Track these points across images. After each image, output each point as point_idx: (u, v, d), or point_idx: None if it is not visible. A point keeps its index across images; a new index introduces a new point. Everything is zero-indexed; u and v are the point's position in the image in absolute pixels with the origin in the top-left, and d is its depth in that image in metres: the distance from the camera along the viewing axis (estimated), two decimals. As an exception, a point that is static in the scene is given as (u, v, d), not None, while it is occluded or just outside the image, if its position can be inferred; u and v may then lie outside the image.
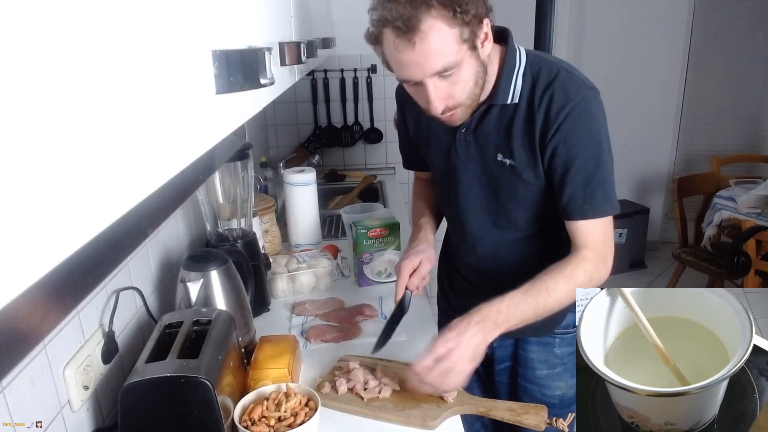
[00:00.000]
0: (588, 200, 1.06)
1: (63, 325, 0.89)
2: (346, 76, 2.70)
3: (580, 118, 1.03)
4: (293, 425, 0.95)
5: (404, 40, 0.93)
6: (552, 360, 1.31)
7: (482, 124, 1.12)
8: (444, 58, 0.94)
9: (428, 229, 1.33)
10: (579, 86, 1.04)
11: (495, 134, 1.11)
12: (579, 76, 1.06)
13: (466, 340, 1.00)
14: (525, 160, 1.09)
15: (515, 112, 1.08)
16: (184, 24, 0.42)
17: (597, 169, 1.05)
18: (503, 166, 1.12)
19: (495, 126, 1.11)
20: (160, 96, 0.37)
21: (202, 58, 0.45)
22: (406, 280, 1.22)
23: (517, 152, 1.09)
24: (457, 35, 0.93)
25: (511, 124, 1.09)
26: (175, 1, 0.40)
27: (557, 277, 1.06)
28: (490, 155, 1.13)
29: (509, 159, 1.10)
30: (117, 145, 0.32)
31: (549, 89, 1.04)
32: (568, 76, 1.05)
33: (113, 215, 0.31)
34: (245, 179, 1.47)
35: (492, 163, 1.13)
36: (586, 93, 1.04)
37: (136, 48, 0.34)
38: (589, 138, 1.04)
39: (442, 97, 1.00)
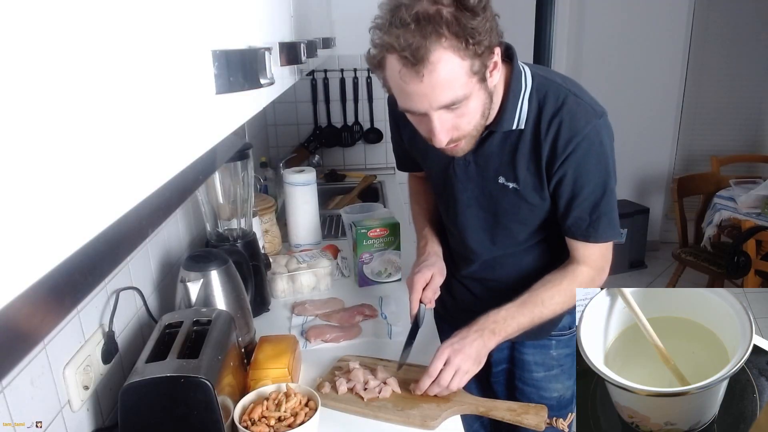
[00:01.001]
0: (593, 225, 1.06)
1: (63, 325, 0.89)
2: (346, 76, 2.70)
3: (589, 148, 1.01)
4: (293, 425, 0.95)
5: (411, 72, 0.86)
6: (549, 362, 1.31)
7: (484, 146, 1.09)
8: (453, 92, 0.89)
9: (435, 240, 1.31)
10: (588, 114, 1.00)
11: (497, 158, 1.08)
12: (587, 102, 1.02)
13: (469, 343, 1.06)
14: (530, 185, 1.07)
15: (520, 138, 1.05)
16: (184, 24, 0.42)
17: (604, 196, 1.05)
18: (506, 189, 1.10)
19: (498, 150, 1.08)
20: (160, 96, 0.37)
21: (202, 58, 0.45)
22: (420, 294, 1.19)
23: (522, 176, 1.07)
24: (467, 68, 0.87)
25: (516, 149, 1.06)
26: (175, 1, 0.40)
27: (553, 290, 1.10)
28: (491, 178, 1.11)
29: (513, 183, 1.08)
30: (117, 145, 0.32)
31: (556, 118, 1.00)
32: (576, 103, 1.01)
33: (113, 215, 0.31)
34: (245, 179, 1.47)
35: (492, 185, 1.11)
36: (595, 122, 1.00)
37: (136, 48, 0.34)
38: (597, 167, 1.03)
39: (447, 129, 0.95)
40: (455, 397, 1.09)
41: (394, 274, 1.62)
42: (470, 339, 1.06)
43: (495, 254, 1.22)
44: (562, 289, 1.09)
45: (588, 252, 1.10)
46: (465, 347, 1.05)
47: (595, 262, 1.11)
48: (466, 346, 1.05)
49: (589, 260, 1.11)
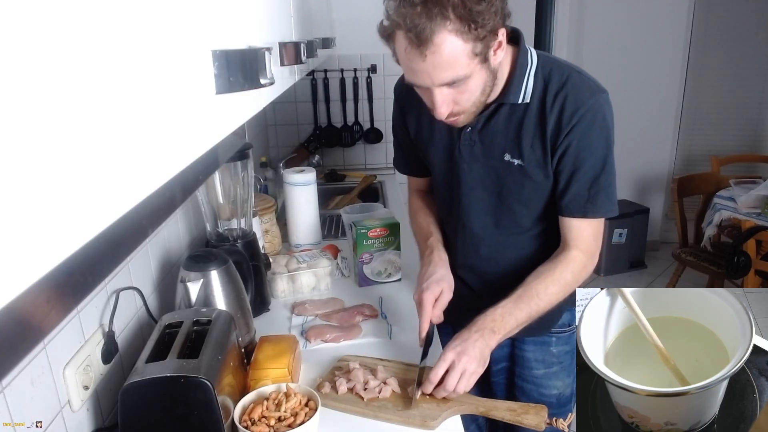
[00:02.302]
0: (591, 200, 1.08)
1: (63, 325, 0.89)
2: (346, 76, 2.70)
3: (593, 120, 1.04)
4: (293, 425, 0.95)
5: (416, 51, 0.91)
6: (549, 359, 1.31)
7: (489, 123, 1.11)
8: (454, 71, 0.93)
9: (441, 249, 1.26)
10: (591, 89, 1.05)
11: (503, 134, 1.10)
12: (590, 79, 1.07)
13: (471, 345, 1.05)
14: (534, 160, 1.09)
15: (525, 113, 1.08)
16: (184, 24, 0.42)
17: (603, 171, 1.07)
18: (510, 167, 1.11)
19: (503, 126, 1.10)
20: (160, 96, 0.37)
21: (202, 58, 0.45)
22: (430, 315, 1.14)
23: (527, 152, 1.09)
24: (469, 50, 0.91)
25: (521, 124, 1.08)
26: (176, 2, 0.40)
27: (546, 280, 1.10)
28: (497, 155, 1.12)
29: (518, 159, 1.10)
30: (117, 145, 0.32)
31: (562, 91, 1.04)
32: (580, 78, 1.06)
33: (113, 215, 0.31)
34: (245, 179, 1.47)
35: (498, 163, 1.12)
36: (599, 96, 1.05)
37: (136, 48, 0.34)
38: (599, 140, 1.05)
39: (447, 103, 1.00)
40: (455, 397, 1.09)
41: (394, 274, 1.62)
42: (472, 340, 1.06)
43: (498, 239, 1.21)
44: (555, 278, 1.10)
45: (581, 233, 1.11)
46: (468, 349, 1.05)
47: (587, 245, 1.12)
48: (468, 348, 1.05)
49: (580, 242, 1.11)
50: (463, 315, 1.14)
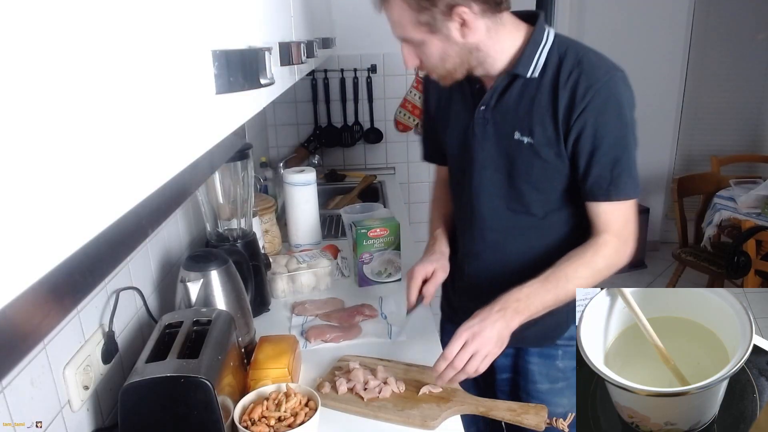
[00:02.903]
0: (614, 182, 1.07)
1: (63, 325, 0.89)
2: (346, 76, 2.70)
3: (608, 97, 1.03)
4: (293, 425, 0.95)
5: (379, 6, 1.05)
6: (554, 374, 1.28)
7: (502, 99, 1.11)
8: (402, 30, 1.04)
9: (444, 241, 1.31)
10: (608, 66, 1.05)
11: (514, 111, 1.11)
12: (606, 58, 1.07)
13: (490, 325, 1.03)
14: (544, 138, 1.08)
15: (538, 88, 1.07)
16: (184, 24, 0.42)
17: (624, 151, 1.06)
18: (520, 145, 1.10)
19: (515, 102, 1.10)
20: (160, 96, 0.37)
21: (202, 58, 0.45)
22: (419, 284, 1.20)
23: (537, 129, 1.08)
24: (412, 18, 1.00)
25: (533, 100, 1.08)
26: (175, 2, 0.40)
27: (576, 263, 1.08)
28: (507, 134, 1.12)
29: (527, 137, 1.09)
30: (117, 145, 0.32)
31: (577, 67, 1.04)
32: (596, 56, 1.07)
33: (113, 215, 0.31)
34: (245, 179, 1.47)
35: (508, 142, 1.12)
36: (614, 73, 1.04)
37: (136, 48, 0.34)
38: (617, 119, 1.05)
39: (410, 57, 1.08)
40: (455, 397, 1.09)
41: (394, 274, 1.62)
42: (492, 320, 1.03)
43: (506, 225, 1.19)
44: (586, 262, 1.08)
45: (611, 216, 1.09)
46: (485, 329, 1.02)
47: (619, 229, 1.09)
48: (486, 328, 1.02)
49: (611, 226, 1.09)
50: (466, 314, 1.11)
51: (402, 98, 2.72)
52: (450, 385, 1.12)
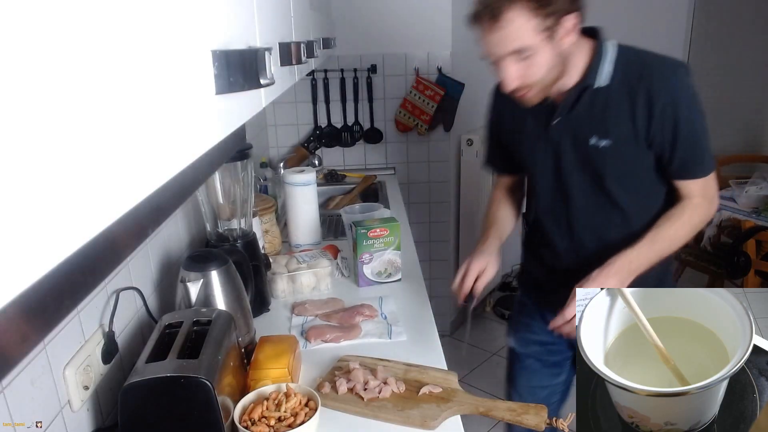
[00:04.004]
0: (698, 162, 1.19)
1: (63, 325, 0.89)
2: (346, 76, 2.70)
3: (681, 90, 1.13)
4: (293, 425, 0.95)
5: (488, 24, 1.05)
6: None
7: (574, 110, 1.18)
8: (519, 40, 1.04)
9: (495, 240, 1.36)
10: (673, 63, 1.15)
11: (588, 119, 1.17)
12: (668, 57, 1.16)
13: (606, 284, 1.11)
14: (623, 137, 1.15)
15: (608, 94, 1.15)
16: (184, 24, 0.42)
17: (702, 135, 1.18)
18: (597, 149, 1.18)
19: (587, 111, 1.17)
20: (160, 96, 0.37)
21: (201, 58, 0.45)
22: (475, 275, 1.27)
23: (614, 131, 1.15)
24: (536, 25, 1.03)
25: (606, 105, 1.15)
26: (175, 1, 0.40)
27: (677, 224, 1.20)
28: (583, 141, 1.18)
29: (605, 140, 1.16)
30: (117, 146, 0.32)
31: (646, 69, 1.12)
32: (660, 55, 1.15)
33: (113, 215, 0.31)
34: (245, 179, 1.47)
35: (585, 148, 1.19)
36: (679, 68, 1.14)
37: (136, 48, 0.34)
38: (691, 108, 1.14)
39: (514, 76, 1.09)
40: (455, 397, 1.09)
41: (394, 274, 1.62)
42: (609, 281, 1.12)
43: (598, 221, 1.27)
44: (685, 222, 1.20)
45: (698, 186, 1.20)
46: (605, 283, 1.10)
47: (706, 192, 1.21)
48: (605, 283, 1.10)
49: (701, 192, 1.21)
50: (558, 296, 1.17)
51: (402, 98, 2.72)
52: (450, 386, 1.12)
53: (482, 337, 3.10)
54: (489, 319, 3.34)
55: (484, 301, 3.37)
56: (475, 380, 2.65)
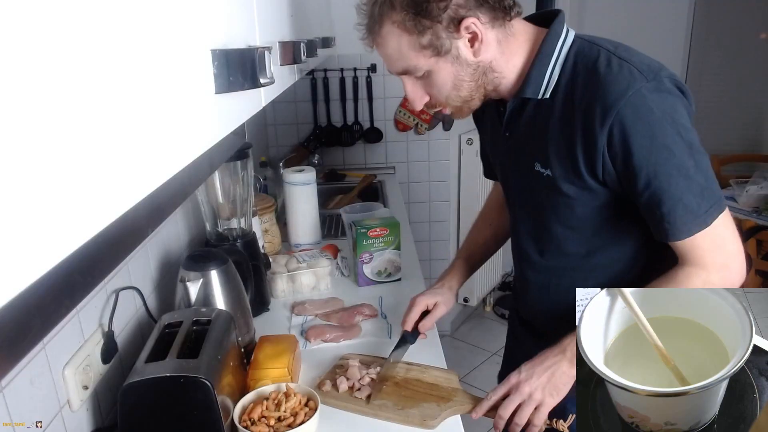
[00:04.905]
0: (667, 220, 0.86)
1: (62, 325, 0.89)
2: (346, 75, 2.70)
3: (634, 118, 0.82)
4: (293, 425, 0.95)
5: (371, 42, 0.94)
6: None
7: (517, 126, 0.98)
8: (403, 61, 0.90)
9: (456, 277, 1.26)
10: (633, 76, 0.83)
11: (530, 139, 0.97)
12: (635, 64, 0.86)
13: (542, 370, 0.95)
14: (562, 170, 0.92)
15: (550, 111, 0.91)
16: (183, 23, 0.42)
17: (669, 181, 0.83)
18: (540, 178, 0.95)
19: (529, 130, 0.96)
20: (159, 96, 0.37)
21: (201, 57, 0.45)
22: (418, 315, 1.19)
23: (553, 160, 0.92)
24: (413, 43, 0.87)
25: (546, 126, 0.92)
26: (175, 1, 0.40)
27: None
28: (528, 165, 0.98)
29: (546, 169, 0.94)
30: (117, 145, 0.32)
31: (591, 82, 0.86)
32: (619, 64, 0.85)
33: (113, 215, 0.31)
34: (245, 179, 1.47)
35: (530, 174, 0.98)
36: (640, 85, 0.82)
37: (135, 48, 0.34)
38: (651, 141, 0.82)
39: (417, 95, 0.95)
40: (455, 397, 1.09)
41: (394, 274, 1.62)
42: (546, 365, 0.95)
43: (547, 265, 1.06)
44: None
45: (688, 250, 0.88)
46: (533, 376, 0.95)
47: (700, 258, 0.88)
48: (535, 375, 0.95)
49: (692, 258, 0.88)
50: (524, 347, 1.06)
51: (402, 98, 2.72)
52: (450, 385, 1.12)
53: (482, 337, 3.10)
54: (489, 319, 3.34)
55: (484, 301, 3.37)
56: (475, 380, 2.65)
